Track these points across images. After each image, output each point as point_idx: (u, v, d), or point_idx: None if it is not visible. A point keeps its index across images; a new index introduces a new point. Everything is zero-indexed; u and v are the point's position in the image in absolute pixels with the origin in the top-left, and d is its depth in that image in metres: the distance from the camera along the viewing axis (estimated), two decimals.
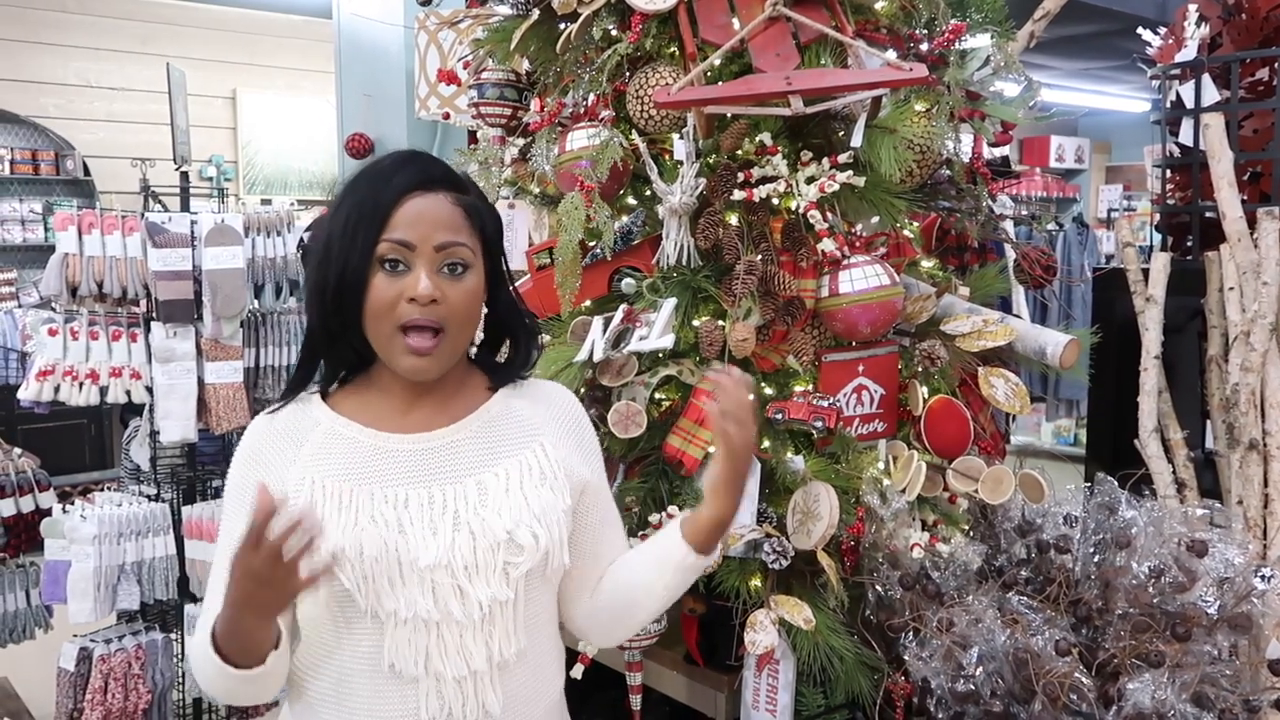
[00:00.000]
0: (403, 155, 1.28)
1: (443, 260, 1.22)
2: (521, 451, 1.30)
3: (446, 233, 1.22)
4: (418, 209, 1.22)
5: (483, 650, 1.23)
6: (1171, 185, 2.78)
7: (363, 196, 1.22)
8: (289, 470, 1.25)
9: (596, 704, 2.18)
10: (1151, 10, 5.75)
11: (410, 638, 1.21)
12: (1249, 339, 2.23)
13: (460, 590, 1.21)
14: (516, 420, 1.33)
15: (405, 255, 1.20)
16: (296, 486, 1.24)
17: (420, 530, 1.22)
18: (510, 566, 1.23)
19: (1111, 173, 10.89)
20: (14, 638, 3.38)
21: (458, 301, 1.22)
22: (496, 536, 1.23)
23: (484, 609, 1.22)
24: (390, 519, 1.21)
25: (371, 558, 1.19)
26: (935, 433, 1.97)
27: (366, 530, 1.20)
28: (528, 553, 1.24)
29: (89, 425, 6.31)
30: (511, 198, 2.32)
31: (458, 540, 1.22)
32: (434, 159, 1.29)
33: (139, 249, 2.97)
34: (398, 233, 1.20)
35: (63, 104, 6.83)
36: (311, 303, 1.25)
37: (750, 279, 1.83)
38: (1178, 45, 2.64)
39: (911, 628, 1.70)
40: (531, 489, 1.27)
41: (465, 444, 1.29)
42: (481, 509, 1.24)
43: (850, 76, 1.81)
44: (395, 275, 1.20)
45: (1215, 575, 1.67)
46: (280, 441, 1.28)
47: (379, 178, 1.24)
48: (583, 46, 2.05)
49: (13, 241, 6.60)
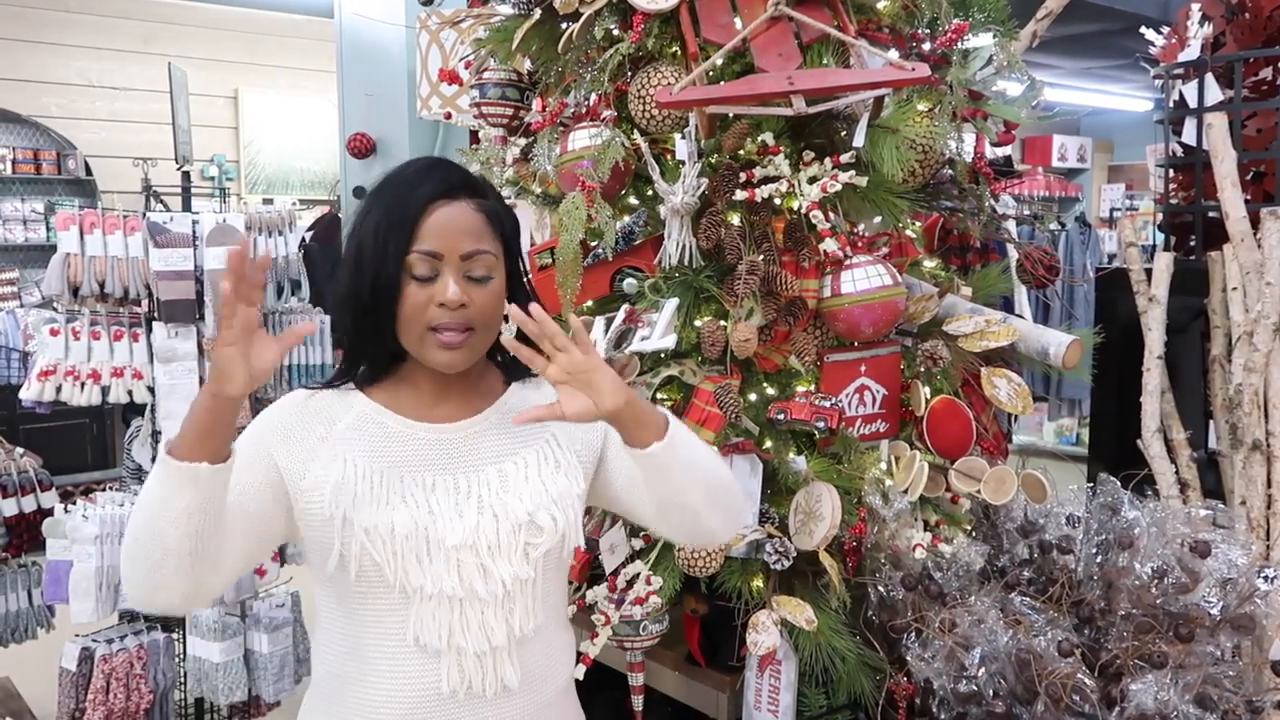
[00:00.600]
0: (425, 163, 1.34)
1: (468, 268, 1.28)
2: (536, 442, 1.37)
3: (471, 241, 1.29)
4: (443, 219, 1.28)
5: (503, 626, 1.29)
6: (1174, 185, 2.78)
7: (389, 206, 1.29)
8: (320, 446, 1.30)
9: (598, 704, 2.17)
10: (1154, 9, 5.74)
11: (435, 612, 1.27)
12: (1252, 339, 2.23)
13: (484, 569, 1.28)
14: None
15: (434, 265, 1.27)
16: (329, 462, 1.28)
17: (447, 512, 1.29)
18: (531, 547, 1.31)
19: (1114, 172, 10.88)
20: (16, 638, 3.38)
21: (484, 304, 1.29)
22: (518, 519, 1.30)
23: (506, 587, 1.29)
24: (420, 500, 1.28)
25: (403, 535, 1.26)
26: (937, 433, 1.97)
27: (398, 510, 1.27)
28: (547, 534, 1.31)
29: (91, 425, 6.30)
30: (513, 197, 2.32)
31: (482, 522, 1.29)
32: (454, 165, 1.35)
33: (141, 249, 2.97)
34: (425, 244, 1.27)
35: (64, 103, 6.83)
36: (345, 308, 1.31)
37: (752, 279, 1.83)
38: (1181, 44, 2.64)
39: (914, 628, 1.70)
40: (549, 476, 1.35)
41: (486, 434, 1.36)
42: (504, 494, 1.32)
43: (852, 76, 1.81)
44: (425, 284, 1.27)
45: (1218, 576, 1.67)
46: (313, 419, 1.33)
47: (404, 187, 1.30)
48: (584, 46, 2.05)
49: (14, 241, 6.60)
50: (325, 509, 1.26)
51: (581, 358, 1.24)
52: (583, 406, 1.25)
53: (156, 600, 1.19)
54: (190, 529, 1.14)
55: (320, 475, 1.27)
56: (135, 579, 1.18)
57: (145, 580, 1.17)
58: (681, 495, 1.31)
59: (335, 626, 1.33)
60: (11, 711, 3.29)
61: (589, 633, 1.86)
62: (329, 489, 1.26)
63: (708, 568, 1.81)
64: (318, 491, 1.27)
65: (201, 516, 1.14)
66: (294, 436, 1.31)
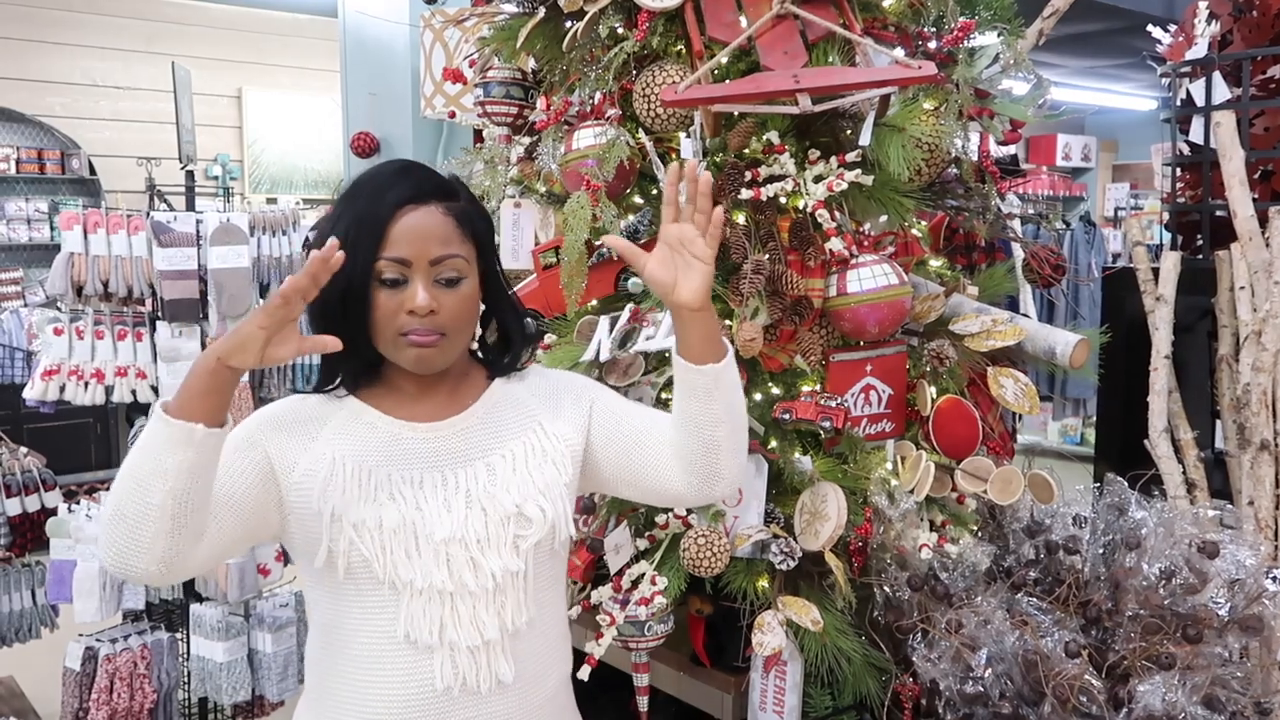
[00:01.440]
0: (395, 167, 1.34)
1: (438, 273, 1.29)
2: (523, 433, 1.38)
3: (440, 246, 1.29)
4: (412, 224, 1.28)
5: (495, 620, 1.29)
6: (1181, 184, 2.77)
7: (360, 212, 1.29)
8: (310, 444, 1.31)
9: (603, 705, 2.17)
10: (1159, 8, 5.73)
11: (425, 608, 1.27)
12: (1260, 338, 2.22)
13: (473, 562, 1.28)
14: (515, 404, 1.41)
15: (403, 271, 1.27)
16: (317, 459, 1.29)
17: (435, 507, 1.29)
18: (520, 539, 1.31)
19: (1118, 171, 10.86)
20: (20, 637, 3.38)
21: (454, 309, 1.30)
22: (506, 511, 1.31)
23: (496, 580, 1.29)
24: (408, 496, 1.29)
25: (390, 529, 1.26)
26: (944, 433, 1.96)
27: (385, 505, 1.27)
28: (536, 525, 1.31)
29: (94, 424, 6.31)
30: (518, 196, 2.32)
31: (470, 516, 1.30)
32: (426, 169, 1.35)
33: (144, 248, 2.97)
34: (394, 250, 1.27)
35: (68, 103, 6.84)
36: (316, 316, 1.30)
37: (758, 278, 1.82)
38: (1188, 43, 2.62)
39: (920, 629, 1.69)
40: (536, 467, 1.35)
41: (473, 430, 1.36)
42: (491, 487, 1.32)
43: (858, 74, 1.80)
44: (395, 290, 1.28)
45: (1226, 577, 1.66)
46: (305, 417, 1.34)
47: (374, 193, 1.30)
48: (589, 44, 2.05)
49: (18, 241, 6.61)
50: (313, 504, 1.27)
51: (701, 242, 1.25)
52: (667, 277, 1.26)
53: (132, 564, 1.15)
54: (177, 488, 1.12)
55: (309, 470, 1.28)
56: (113, 538, 1.15)
57: (123, 540, 1.14)
58: (714, 426, 1.30)
59: (326, 626, 1.33)
60: (15, 711, 3.30)
61: (594, 633, 1.85)
62: (317, 484, 1.27)
63: (713, 568, 1.80)
64: (306, 486, 1.27)
65: (189, 478, 1.13)
66: (286, 430, 1.32)
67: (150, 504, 1.12)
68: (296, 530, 1.30)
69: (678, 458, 1.35)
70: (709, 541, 1.78)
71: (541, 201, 2.32)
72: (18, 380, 5.74)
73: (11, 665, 3.57)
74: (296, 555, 1.34)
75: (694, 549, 1.79)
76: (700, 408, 1.30)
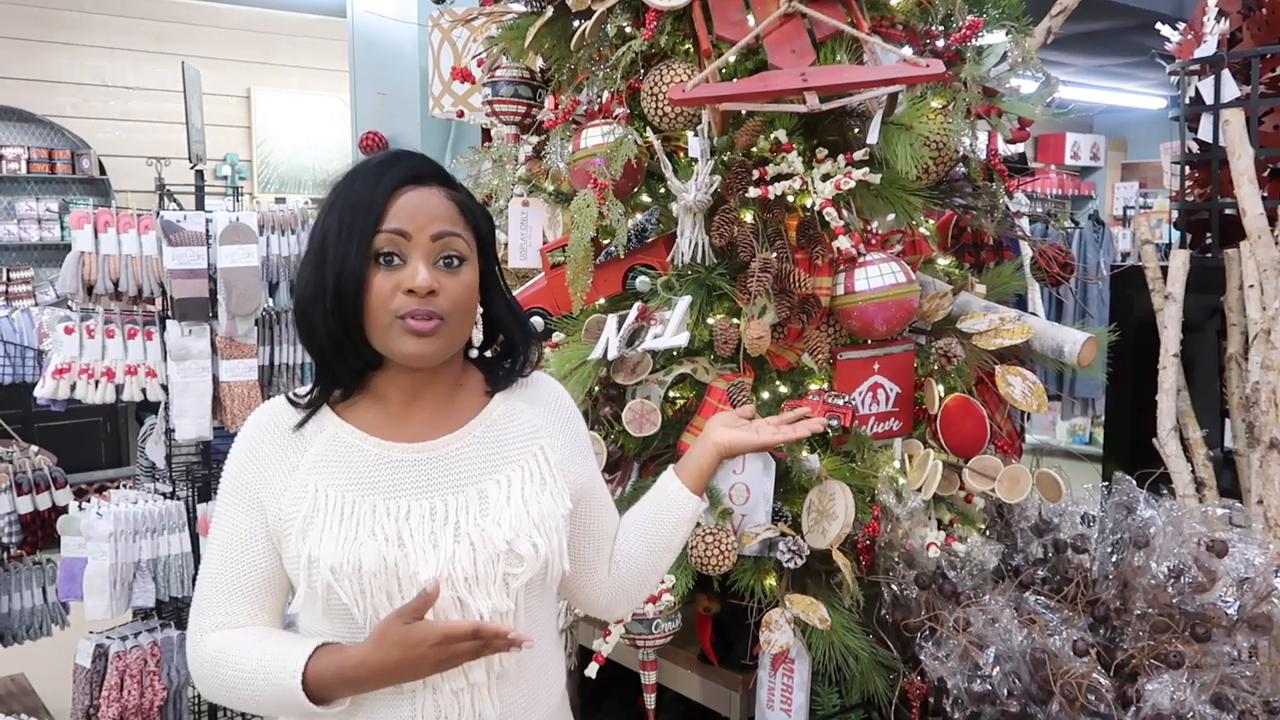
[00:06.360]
0: (392, 153, 1.27)
1: (439, 251, 1.21)
2: (523, 456, 1.30)
3: (442, 223, 1.21)
4: (412, 201, 1.21)
5: (482, 662, 1.21)
6: (1190, 182, 2.76)
7: (356, 195, 1.21)
8: (292, 476, 1.24)
9: (611, 703, 2.17)
10: (1168, 6, 5.72)
11: None
12: (1269, 337, 2.21)
13: (460, 602, 1.20)
14: (518, 423, 1.33)
15: (401, 246, 1.19)
16: (299, 494, 1.23)
17: (420, 543, 1.21)
18: (510, 577, 1.23)
19: (1127, 170, 10.84)
20: (31, 634, 3.39)
21: (455, 293, 1.21)
22: (496, 547, 1.22)
23: (484, 621, 1.19)
24: (390, 532, 1.21)
25: (370, 573, 1.18)
26: (951, 431, 1.96)
27: (365, 545, 1.19)
28: (528, 563, 1.23)
29: (105, 423, 6.33)
30: (526, 195, 2.32)
31: (458, 552, 1.21)
32: (424, 157, 1.28)
33: (154, 247, 2.98)
34: (393, 223, 1.19)
35: (79, 103, 6.87)
36: (309, 308, 1.22)
37: (765, 277, 1.83)
38: (1197, 41, 2.62)
39: (928, 627, 1.69)
40: (532, 496, 1.27)
41: (468, 451, 1.28)
42: (482, 519, 1.24)
43: (866, 73, 1.80)
44: (392, 270, 1.19)
45: (1235, 575, 1.66)
46: (283, 442, 1.26)
47: (370, 176, 1.22)
48: (597, 43, 2.05)
49: (29, 240, 6.64)
50: (292, 545, 1.21)
51: (778, 439, 1.46)
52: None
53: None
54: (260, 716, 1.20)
55: (293, 505, 1.22)
56: (212, 692, 1.29)
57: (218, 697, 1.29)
58: (666, 554, 1.42)
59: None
60: (26, 708, 3.31)
61: (601, 631, 1.86)
62: (298, 523, 1.21)
63: (720, 566, 1.81)
64: (289, 520, 1.22)
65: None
66: (265, 464, 1.25)
67: (247, 707, 1.25)
68: (282, 558, 1.26)
69: (623, 570, 1.43)
70: (716, 540, 1.78)
71: (549, 200, 2.33)
72: (29, 379, 5.77)
73: (22, 662, 3.59)
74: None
75: (702, 547, 1.79)
76: (671, 534, 1.41)
